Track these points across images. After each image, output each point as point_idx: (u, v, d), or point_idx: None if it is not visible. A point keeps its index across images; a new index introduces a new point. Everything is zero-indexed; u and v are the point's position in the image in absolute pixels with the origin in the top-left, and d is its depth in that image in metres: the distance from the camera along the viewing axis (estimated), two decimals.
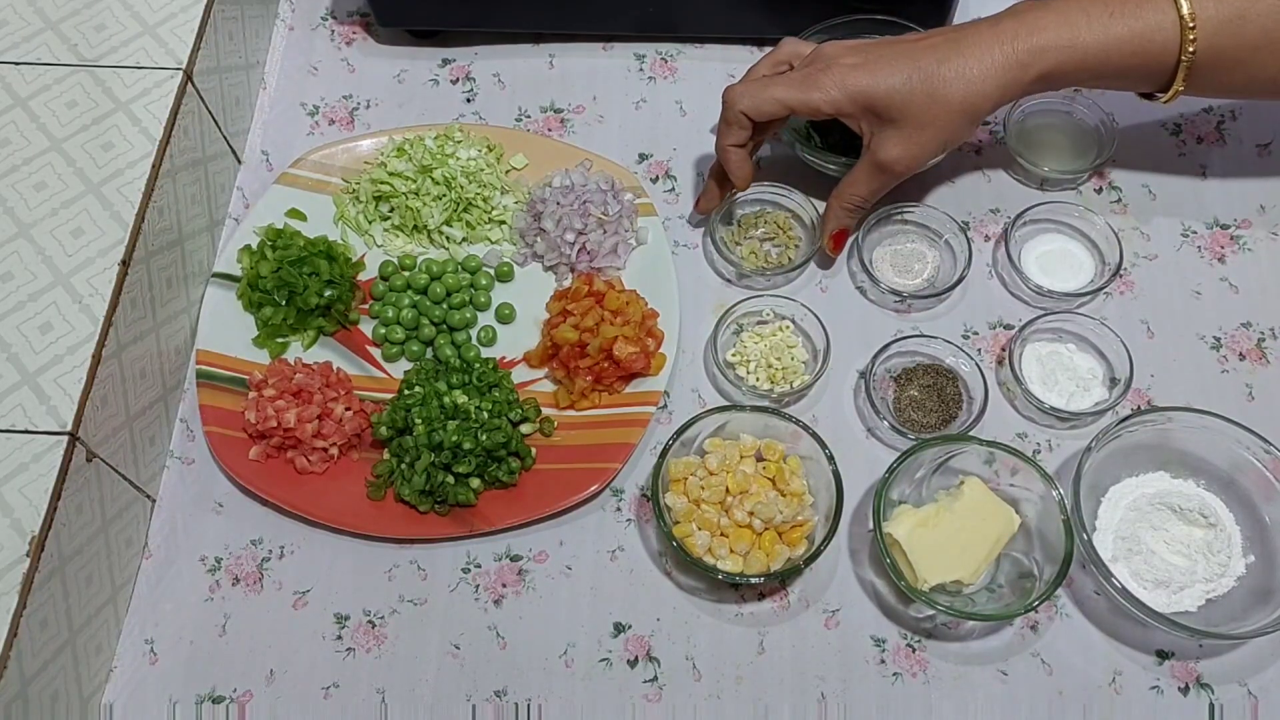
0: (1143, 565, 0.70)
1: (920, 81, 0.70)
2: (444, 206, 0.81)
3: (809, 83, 0.72)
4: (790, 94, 0.72)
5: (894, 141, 0.72)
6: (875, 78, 0.71)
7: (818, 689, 0.68)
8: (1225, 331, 0.79)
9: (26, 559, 0.59)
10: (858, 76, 0.71)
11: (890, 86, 0.70)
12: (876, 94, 0.71)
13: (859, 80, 0.71)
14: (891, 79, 0.70)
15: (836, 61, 0.72)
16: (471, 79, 0.91)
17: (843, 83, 0.71)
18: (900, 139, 0.72)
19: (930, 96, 0.70)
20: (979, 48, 0.70)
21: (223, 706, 0.67)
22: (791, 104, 0.73)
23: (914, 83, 0.70)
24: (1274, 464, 0.69)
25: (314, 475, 0.73)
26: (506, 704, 0.67)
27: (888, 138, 0.72)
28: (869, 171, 0.75)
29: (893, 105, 0.71)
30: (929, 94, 0.70)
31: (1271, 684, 0.68)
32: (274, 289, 0.76)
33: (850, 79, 0.71)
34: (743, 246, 0.82)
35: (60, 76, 0.75)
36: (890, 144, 0.72)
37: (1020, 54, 0.70)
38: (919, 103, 0.70)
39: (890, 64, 0.71)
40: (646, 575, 0.71)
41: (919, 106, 0.70)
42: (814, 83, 0.72)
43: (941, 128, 0.72)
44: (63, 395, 0.64)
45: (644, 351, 0.74)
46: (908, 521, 0.67)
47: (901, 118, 0.71)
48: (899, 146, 0.72)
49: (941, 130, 0.72)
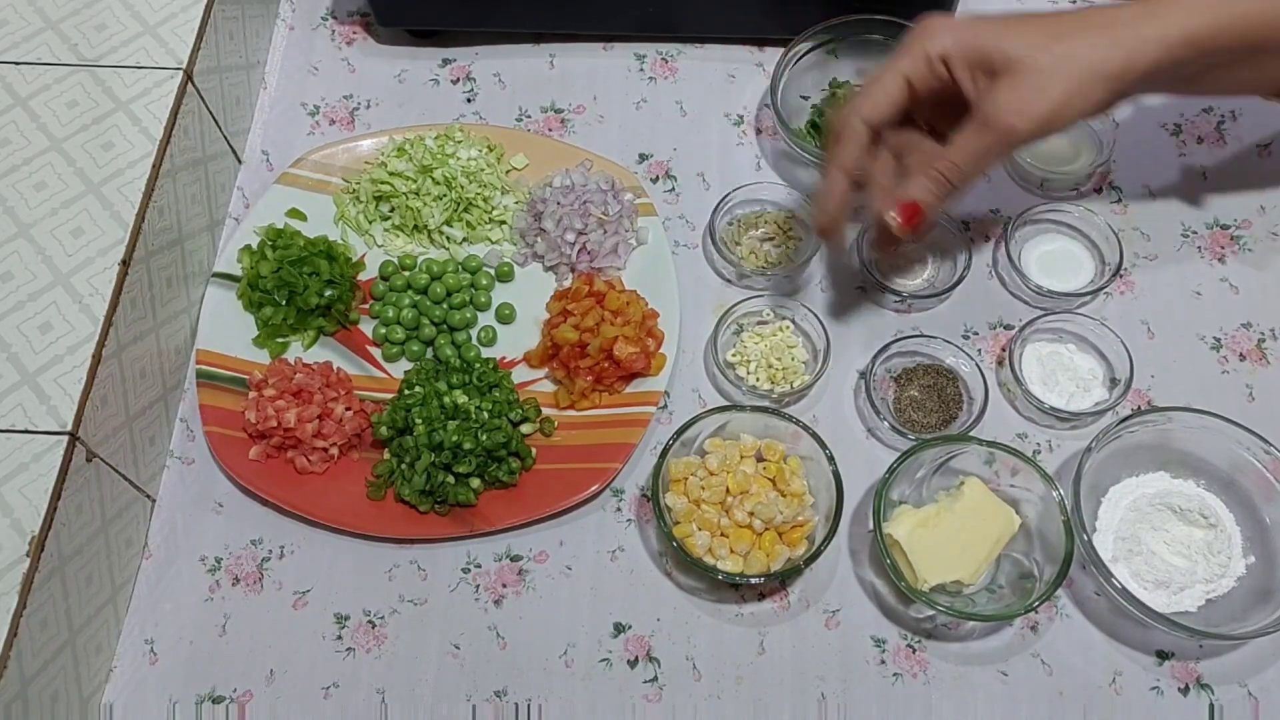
0: (1143, 566, 0.70)
1: (1037, 27, 0.61)
2: (444, 206, 0.81)
3: (914, 40, 0.64)
4: (896, 65, 0.64)
5: (1007, 93, 0.61)
6: (982, 24, 0.62)
7: (818, 689, 0.68)
8: (1225, 332, 0.79)
9: (26, 559, 0.59)
10: (963, 24, 0.63)
11: (1002, 31, 0.61)
12: (986, 38, 0.61)
13: (965, 25, 0.62)
14: (1003, 25, 0.62)
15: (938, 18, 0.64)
16: (472, 79, 0.91)
17: (949, 26, 0.63)
18: (1015, 90, 0.61)
19: (1049, 40, 0.60)
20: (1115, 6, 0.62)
21: (223, 706, 0.67)
22: (904, 72, 0.63)
23: (1029, 27, 0.61)
24: (1274, 464, 0.69)
25: (314, 475, 0.73)
26: (506, 704, 0.67)
27: (1000, 89, 0.61)
28: (974, 130, 0.62)
29: (1007, 50, 0.61)
30: (1048, 38, 0.61)
31: (1271, 684, 0.68)
32: (274, 289, 0.76)
33: (955, 25, 0.63)
34: (743, 246, 0.82)
35: (60, 76, 0.75)
36: (1003, 96, 0.61)
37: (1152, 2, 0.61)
38: (1036, 48, 0.60)
39: (997, 16, 0.63)
40: (646, 575, 0.71)
41: (1036, 52, 0.60)
42: (920, 36, 0.63)
43: (1064, 81, 0.60)
44: (63, 395, 0.64)
45: (644, 351, 0.74)
46: (908, 522, 0.67)
47: (1016, 68, 0.61)
48: (1013, 98, 0.61)
49: (1064, 84, 0.60)
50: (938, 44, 0.63)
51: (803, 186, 0.84)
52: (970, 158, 0.63)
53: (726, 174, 0.86)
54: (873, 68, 0.87)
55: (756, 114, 0.89)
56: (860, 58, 0.87)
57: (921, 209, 0.65)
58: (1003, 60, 0.61)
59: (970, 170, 0.64)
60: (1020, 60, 0.61)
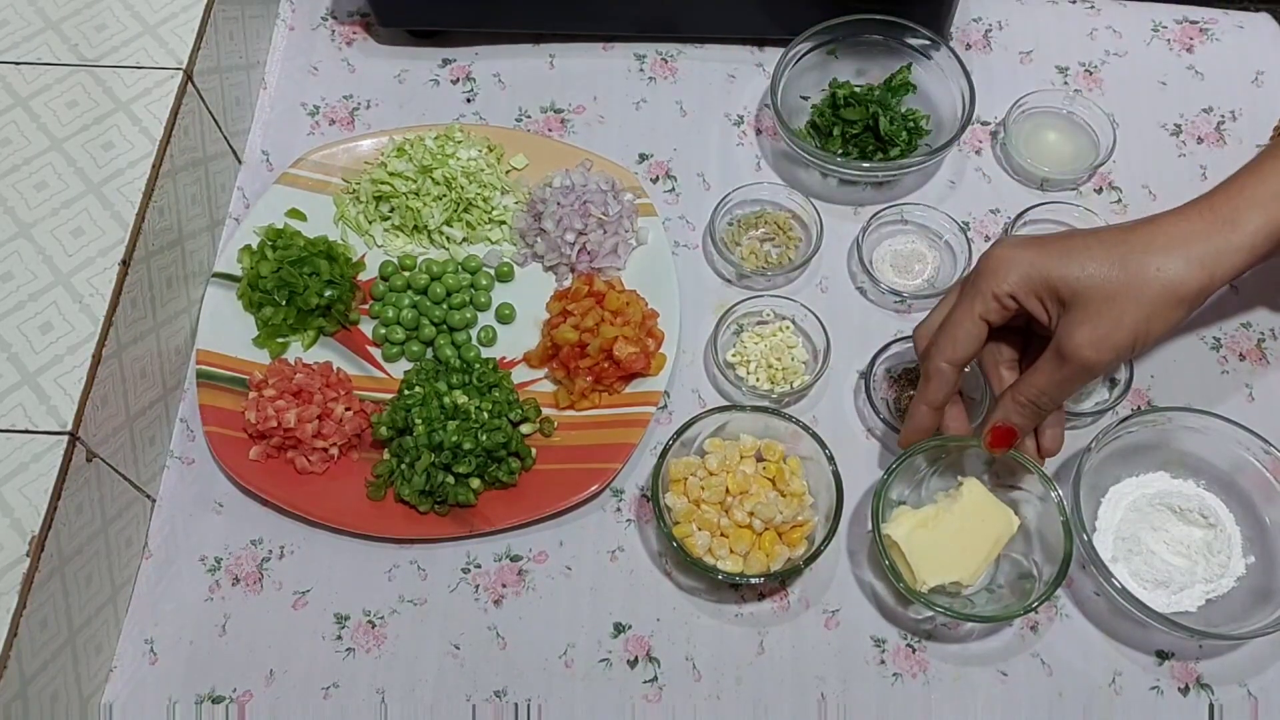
0: (1143, 566, 0.70)
1: (1104, 252, 0.61)
2: (444, 206, 0.81)
3: (981, 277, 0.64)
4: (970, 306, 0.64)
5: (1080, 326, 0.61)
6: (1048, 251, 0.63)
7: (818, 689, 0.68)
8: (1225, 332, 0.79)
9: (26, 559, 0.59)
10: (1030, 253, 0.63)
11: (1068, 259, 0.61)
12: (1052, 267, 0.62)
13: (1031, 256, 0.63)
14: (1069, 252, 0.62)
15: (1003, 245, 0.65)
16: (472, 79, 0.91)
17: (1014, 261, 0.63)
18: (1088, 323, 0.61)
19: (1118, 266, 0.60)
20: (1176, 215, 0.62)
21: (223, 706, 0.67)
22: (978, 314, 0.64)
23: (1096, 254, 0.61)
24: (1274, 464, 0.69)
25: (314, 475, 0.73)
26: (506, 704, 0.67)
27: (1074, 322, 0.61)
28: (1052, 362, 0.63)
29: (1073, 282, 0.61)
30: (1117, 263, 0.60)
31: (1271, 684, 0.68)
32: (274, 289, 0.76)
33: (1021, 256, 0.63)
34: (743, 246, 0.82)
35: (60, 76, 0.75)
36: (1076, 329, 0.61)
37: (1223, 210, 0.61)
38: (1105, 276, 0.60)
39: (1066, 239, 0.63)
40: (646, 575, 0.71)
41: (1105, 280, 0.60)
42: (986, 273, 0.64)
43: (1137, 308, 0.60)
44: (63, 395, 0.64)
45: (644, 351, 0.74)
46: (907, 523, 0.67)
47: (1087, 298, 0.61)
48: (1087, 331, 0.61)
49: (1137, 311, 0.60)
50: (1005, 285, 0.63)
51: (803, 186, 0.84)
52: (1053, 387, 0.64)
53: (726, 174, 0.86)
54: (872, 68, 0.87)
55: (756, 114, 0.89)
56: (860, 58, 0.87)
57: (1014, 433, 0.67)
58: (1070, 293, 0.61)
59: (1056, 398, 0.65)
60: (1090, 291, 0.61)
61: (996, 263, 0.64)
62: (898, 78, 0.85)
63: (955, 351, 0.66)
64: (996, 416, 0.67)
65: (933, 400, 0.68)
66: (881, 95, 0.84)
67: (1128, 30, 0.92)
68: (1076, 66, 0.91)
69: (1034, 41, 0.92)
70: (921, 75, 0.85)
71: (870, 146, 0.84)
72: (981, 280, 0.64)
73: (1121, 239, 0.62)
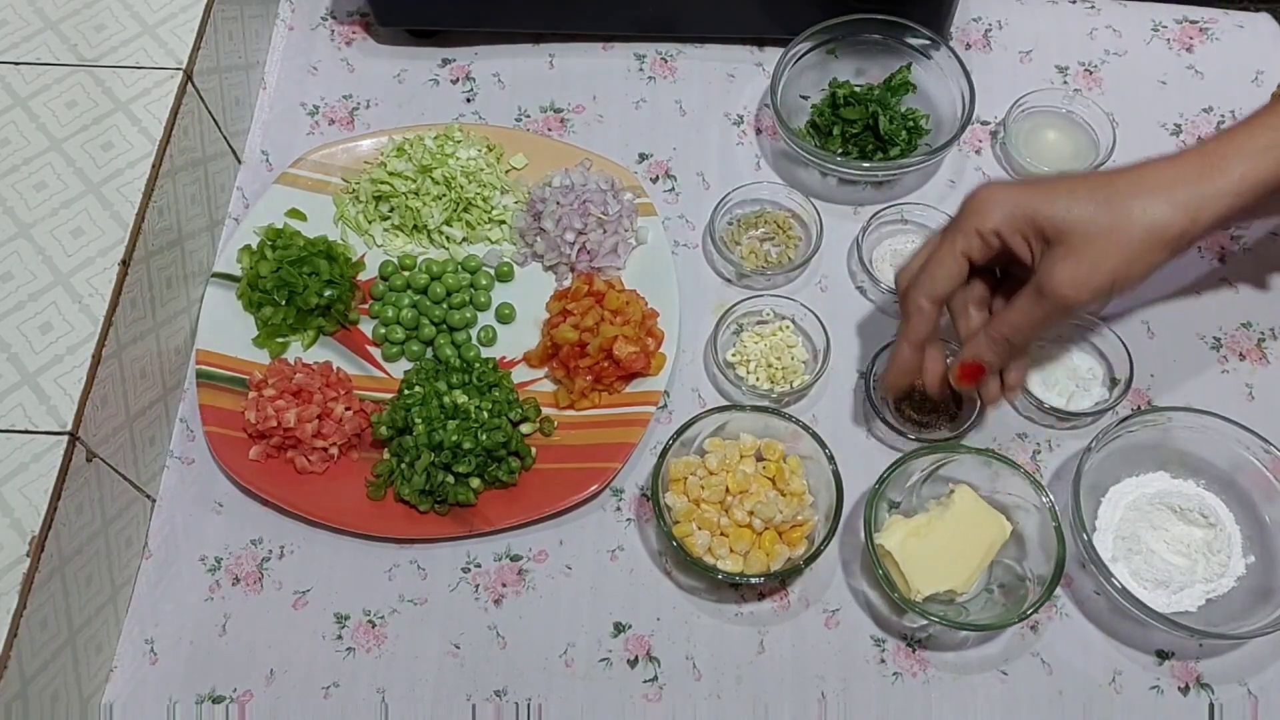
0: (1143, 565, 0.70)
1: (1090, 193, 0.61)
2: (444, 206, 0.81)
3: (966, 216, 0.64)
4: (952, 243, 0.65)
5: (1062, 263, 0.61)
6: (1034, 190, 0.63)
7: (818, 689, 0.68)
8: (1225, 331, 0.79)
9: (26, 559, 0.59)
10: (1014, 192, 0.63)
11: (1054, 198, 0.62)
12: (1038, 205, 0.62)
13: (1016, 194, 0.63)
14: (1055, 191, 0.62)
15: (989, 186, 0.65)
16: (471, 79, 0.91)
17: (999, 199, 0.63)
18: (1069, 260, 0.61)
19: (1103, 206, 0.61)
20: (1164, 160, 0.62)
21: (223, 706, 0.67)
22: (960, 251, 0.65)
23: (1081, 194, 0.61)
24: (1274, 464, 0.69)
25: (314, 475, 0.73)
26: (506, 704, 0.67)
27: (1055, 260, 0.62)
28: (1030, 299, 0.64)
29: (1058, 220, 0.61)
30: (1101, 204, 0.61)
31: (1271, 684, 0.68)
32: (274, 289, 0.76)
33: (1006, 195, 0.63)
34: (743, 246, 0.82)
35: (60, 76, 0.75)
36: (1057, 266, 0.62)
37: (1211, 158, 0.60)
38: (1089, 215, 0.61)
39: (1052, 180, 0.64)
40: (646, 575, 0.71)
41: (1089, 220, 0.61)
42: (971, 212, 0.64)
43: (1119, 250, 0.60)
44: (63, 395, 0.64)
45: (644, 351, 0.74)
46: (899, 532, 0.67)
47: (1070, 237, 0.61)
48: (1068, 268, 0.61)
49: (1119, 253, 0.61)
50: (990, 221, 0.64)
51: (803, 186, 0.84)
52: (1029, 324, 0.64)
53: (726, 174, 0.86)
54: (872, 68, 0.87)
55: (756, 114, 0.89)
56: (860, 58, 0.87)
57: (983, 369, 0.67)
58: (1054, 231, 0.62)
59: (1030, 335, 0.65)
60: (1073, 230, 0.61)
61: (981, 201, 0.64)
62: (898, 77, 0.85)
63: (936, 287, 0.66)
64: (967, 352, 0.67)
65: (914, 338, 0.68)
66: (881, 95, 0.84)
67: (1128, 30, 0.92)
68: (1076, 66, 0.91)
69: (1034, 41, 0.92)
70: (921, 75, 0.85)
71: (870, 146, 0.84)
72: (966, 218, 0.64)
73: (1108, 181, 0.62)
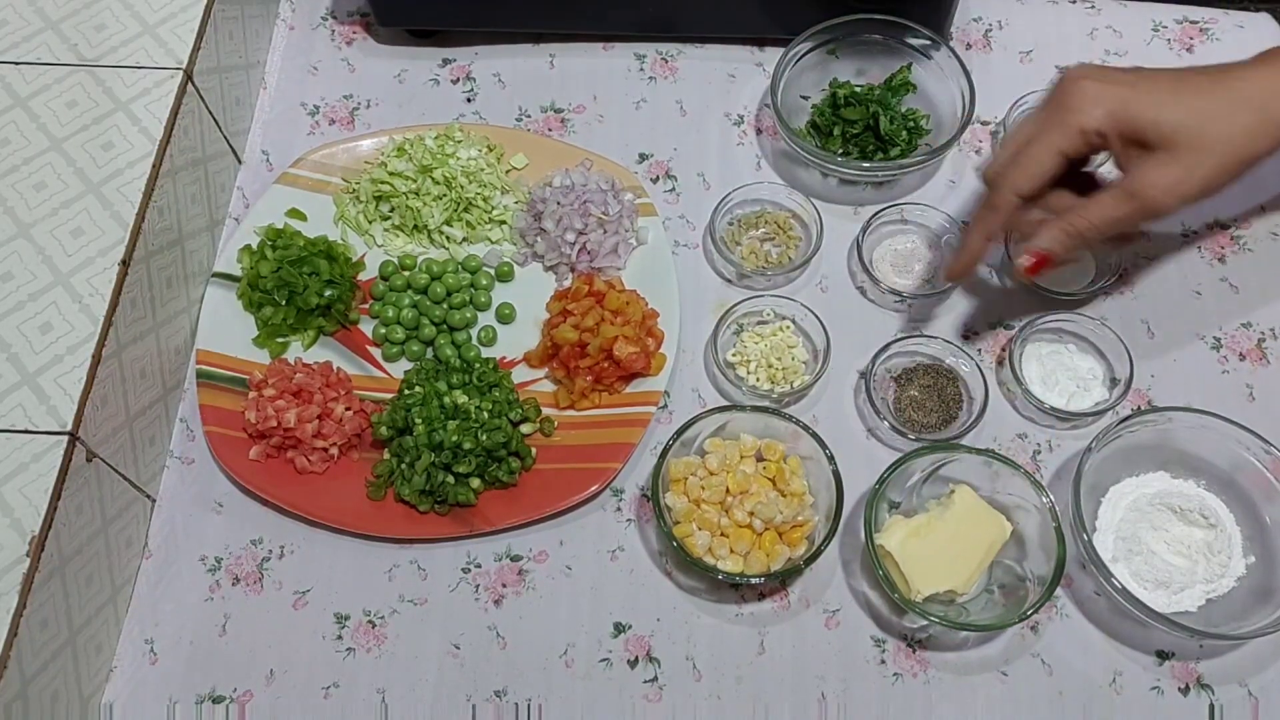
0: (1143, 565, 0.70)
1: (1194, 100, 0.61)
2: (444, 206, 0.81)
3: (1066, 111, 0.63)
4: (1049, 139, 0.64)
5: (1159, 169, 0.62)
6: (1135, 91, 0.62)
7: (818, 689, 0.68)
8: (1225, 331, 0.79)
9: (26, 559, 0.59)
10: (1116, 90, 0.62)
11: (1160, 103, 0.61)
12: (1142, 109, 0.61)
13: (1118, 93, 0.62)
14: (1158, 96, 0.61)
15: (1087, 78, 0.64)
16: (472, 79, 0.91)
17: (1101, 96, 0.62)
18: (1166, 166, 0.61)
19: (1203, 118, 0.61)
20: (1258, 69, 0.62)
21: (223, 706, 0.67)
22: (1059, 149, 0.64)
23: (1187, 101, 0.61)
24: (1274, 464, 0.69)
25: (314, 475, 0.73)
26: (506, 704, 0.67)
27: (1152, 164, 0.62)
28: (1119, 198, 0.64)
29: (1163, 127, 0.61)
30: (1202, 115, 0.61)
31: (1271, 684, 0.68)
32: (274, 289, 0.76)
33: (1108, 92, 0.62)
34: (743, 246, 0.82)
35: (60, 76, 0.75)
36: (1154, 171, 0.62)
37: None
38: (1191, 125, 0.60)
39: (1152, 80, 0.62)
40: (646, 575, 0.71)
41: (1190, 129, 0.60)
42: (1072, 108, 0.63)
43: (1215, 161, 0.61)
44: (63, 395, 0.64)
45: (644, 351, 0.74)
46: (899, 532, 0.67)
47: (1172, 145, 0.61)
48: (1165, 174, 0.61)
49: (1214, 163, 0.61)
50: (1093, 118, 0.63)
51: (803, 186, 0.84)
52: (1109, 222, 0.64)
53: (726, 174, 0.86)
54: (872, 68, 0.87)
55: (756, 114, 0.89)
56: (860, 58, 0.87)
57: (1050, 259, 0.67)
58: (1157, 137, 0.61)
59: (1106, 232, 0.65)
60: (1175, 139, 0.61)
61: (1083, 97, 0.63)
62: (898, 78, 0.85)
63: (1030, 183, 0.65)
64: (1040, 243, 0.66)
65: (991, 230, 0.68)
66: (881, 95, 0.84)
67: (1128, 30, 0.92)
68: None
69: (1034, 41, 0.92)
70: (921, 75, 0.85)
71: (870, 146, 0.84)
72: (1067, 114, 0.63)
73: (1210, 89, 0.61)
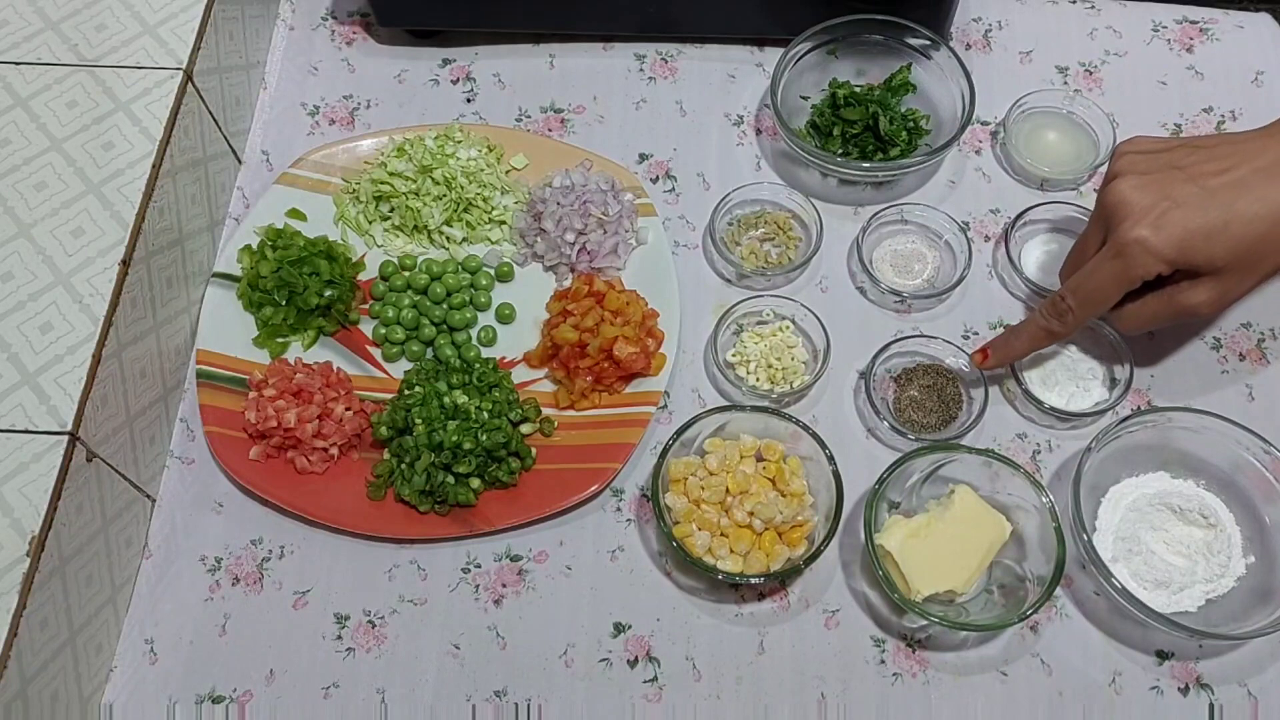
0: (1143, 566, 0.70)
1: (1242, 230, 0.63)
2: (444, 206, 0.81)
3: (1123, 258, 0.65)
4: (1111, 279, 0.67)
5: (1209, 289, 0.65)
6: (1190, 234, 0.63)
7: (818, 689, 0.68)
8: (1225, 332, 0.79)
9: (26, 559, 0.59)
10: (1170, 235, 0.64)
11: (1209, 243, 0.63)
12: (1196, 256, 0.64)
13: (1173, 240, 0.64)
14: (1210, 237, 0.63)
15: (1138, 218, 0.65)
16: (472, 79, 0.91)
17: (1158, 250, 0.64)
18: (1217, 287, 0.65)
19: (1256, 243, 0.63)
20: None
21: (223, 706, 0.67)
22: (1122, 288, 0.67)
23: (1235, 234, 0.63)
24: (1274, 464, 0.69)
25: (314, 475, 0.73)
26: (506, 704, 0.67)
27: (1203, 286, 0.66)
28: (1167, 305, 0.67)
29: (1215, 261, 0.64)
30: (1254, 241, 0.63)
31: (1271, 684, 0.68)
32: (274, 289, 0.76)
33: (1164, 242, 0.64)
34: (743, 246, 0.82)
35: (60, 76, 0.75)
36: (1205, 291, 0.65)
37: None
38: (1243, 254, 0.64)
39: (1202, 214, 0.63)
40: (646, 575, 0.71)
41: (1243, 258, 0.64)
42: (1127, 259, 0.65)
43: (1265, 270, 0.65)
44: (63, 395, 0.64)
45: (644, 351, 0.74)
46: (899, 532, 0.67)
47: (1224, 270, 0.64)
48: (1214, 293, 0.65)
49: (1264, 271, 0.65)
50: (1152, 270, 0.65)
51: (803, 186, 0.84)
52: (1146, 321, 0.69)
53: (726, 174, 0.86)
54: (872, 68, 0.87)
55: (756, 114, 0.89)
56: (860, 58, 0.87)
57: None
58: (1211, 270, 0.65)
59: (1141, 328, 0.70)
60: (1227, 268, 0.64)
61: (1144, 253, 0.65)
62: (898, 78, 0.85)
63: (1093, 315, 0.70)
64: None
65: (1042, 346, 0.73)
66: (881, 95, 0.84)
67: (1128, 30, 0.92)
68: (1076, 66, 0.91)
69: (1034, 41, 0.92)
70: (921, 75, 0.85)
71: (870, 146, 0.84)
72: (1127, 269, 0.66)
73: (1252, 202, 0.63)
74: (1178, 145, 0.68)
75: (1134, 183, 0.66)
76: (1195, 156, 0.66)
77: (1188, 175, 0.65)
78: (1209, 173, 0.65)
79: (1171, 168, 0.66)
